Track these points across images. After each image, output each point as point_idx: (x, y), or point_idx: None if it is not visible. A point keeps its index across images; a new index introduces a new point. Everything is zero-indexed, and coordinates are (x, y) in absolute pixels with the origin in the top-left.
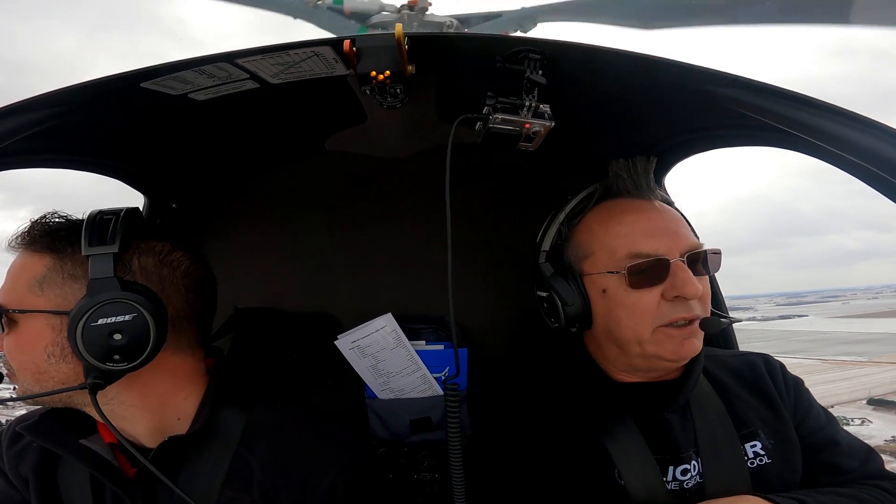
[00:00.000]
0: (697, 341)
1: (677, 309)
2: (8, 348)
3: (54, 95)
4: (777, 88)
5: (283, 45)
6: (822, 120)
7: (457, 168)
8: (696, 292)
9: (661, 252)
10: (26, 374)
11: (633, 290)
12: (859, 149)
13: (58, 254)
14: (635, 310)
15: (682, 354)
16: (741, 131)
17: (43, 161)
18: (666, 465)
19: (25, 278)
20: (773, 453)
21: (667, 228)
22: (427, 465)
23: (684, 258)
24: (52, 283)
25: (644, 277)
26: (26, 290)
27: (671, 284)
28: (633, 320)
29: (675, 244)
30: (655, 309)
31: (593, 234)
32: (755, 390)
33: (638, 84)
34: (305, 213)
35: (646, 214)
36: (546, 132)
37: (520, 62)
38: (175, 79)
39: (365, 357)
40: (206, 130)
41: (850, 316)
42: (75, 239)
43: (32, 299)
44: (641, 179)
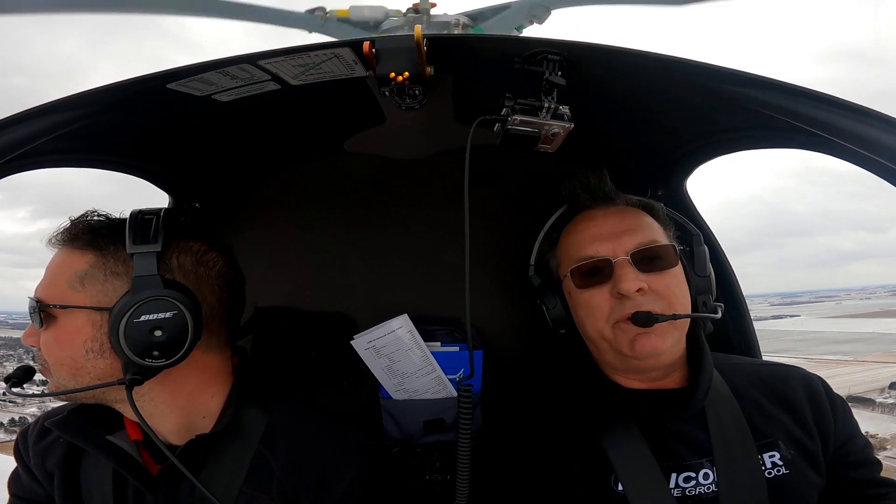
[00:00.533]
0: (657, 338)
1: (624, 305)
2: (45, 343)
3: (84, 96)
4: (805, 90)
5: (304, 46)
6: (852, 122)
7: (475, 170)
8: (630, 287)
9: (603, 253)
10: (63, 369)
11: (583, 290)
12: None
13: (100, 251)
14: (588, 308)
15: (638, 350)
16: (766, 133)
17: (71, 161)
18: (669, 473)
19: (66, 274)
20: (791, 465)
21: (613, 232)
22: (439, 467)
23: (629, 257)
24: (94, 279)
25: (589, 277)
26: (67, 286)
27: (614, 282)
28: (589, 318)
29: (620, 245)
30: (607, 307)
31: (561, 246)
32: (782, 402)
33: (660, 85)
34: (324, 213)
35: (596, 221)
36: (565, 134)
37: (538, 63)
38: (200, 80)
39: (380, 357)
40: (228, 131)
41: (842, 316)
42: (118, 237)
43: (73, 295)
44: (596, 190)
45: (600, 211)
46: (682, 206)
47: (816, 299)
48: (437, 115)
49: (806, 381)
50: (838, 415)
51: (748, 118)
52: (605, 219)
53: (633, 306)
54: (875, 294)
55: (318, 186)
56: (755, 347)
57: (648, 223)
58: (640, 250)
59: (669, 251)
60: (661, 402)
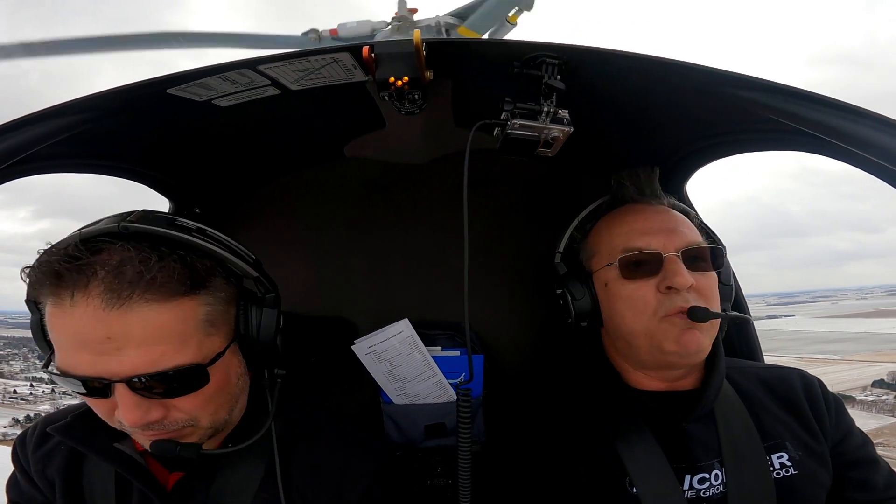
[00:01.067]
0: (701, 335)
1: (673, 300)
2: (201, 401)
3: (84, 101)
4: (806, 92)
5: (303, 51)
6: (852, 124)
7: (475, 174)
8: (685, 282)
9: (654, 247)
10: (222, 410)
11: (628, 282)
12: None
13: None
14: (632, 301)
15: (684, 345)
16: (765, 135)
17: (71, 166)
18: (682, 475)
19: (195, 326)
20: (799, 465)
21: (663, 227)
22: (440, 471)
23: (679, 254)
24: (219, 315)
25: (636, 269)
26: (203, 335)
27: (663, 276)
28: (631, 312)
29: (671, 241)
30: (653, 301)
31: (600, 236)
32: (786, 404)
33: (659, 88)
34: (324, 217)
35: (645, 215)
36: (565, 138)
37: (538, 67)
38: (200, 85)
39: (381, 362)
40: (228, 136)
41: (836, 316)
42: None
43: (214, 341)
44: (645, 186)
45: (648, 206)
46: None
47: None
48: (436, 120)
49: (805, 382)
50: (832, 414)
51: (748, 121)
52: (654, 214)
53: (683, 301)
54: (872, 294)
55: (319, 191)
56: (757, 351)
57: (691, 225)
58: (689, 249)
59: (714, 254)
60: (673, 403)
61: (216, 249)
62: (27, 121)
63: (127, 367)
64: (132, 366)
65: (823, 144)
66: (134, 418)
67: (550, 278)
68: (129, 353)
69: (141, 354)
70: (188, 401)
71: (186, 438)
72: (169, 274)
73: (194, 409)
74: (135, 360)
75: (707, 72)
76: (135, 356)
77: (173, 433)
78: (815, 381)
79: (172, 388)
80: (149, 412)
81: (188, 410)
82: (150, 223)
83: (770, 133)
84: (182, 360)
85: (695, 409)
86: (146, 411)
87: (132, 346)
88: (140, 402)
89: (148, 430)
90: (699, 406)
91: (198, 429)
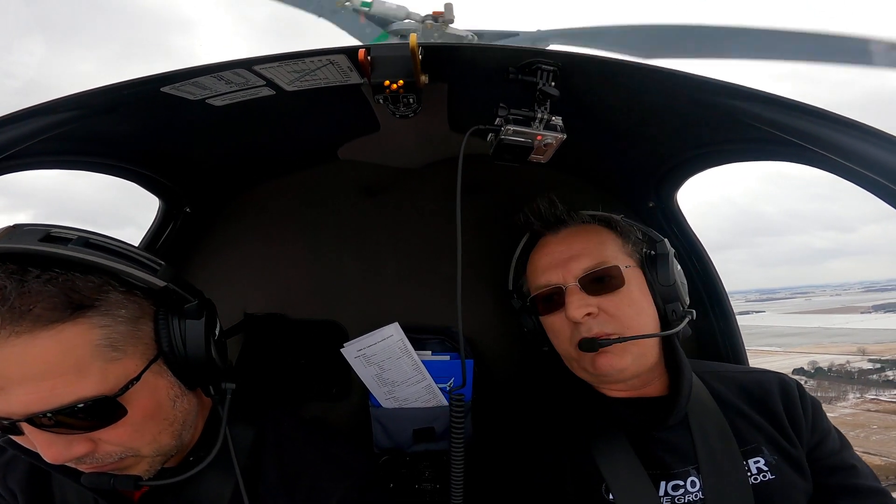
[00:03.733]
0: (614, 357)
1: (578, 329)
2: (127, 433)
3: (75, 98)
4: (795, 102)
5: (299, 52)
6: (842, 136)
7: (468, 180)
8: (577, 315)
9: (555, 282)
10: (164, 436)
11: (546, 316)
12: (880, 166)
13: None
14: (553, 332)
15: (599, 368)
16: (755, 145)
17: (62, 163)
18: (658, 481)
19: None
20: (776, 470)
21: (561, 259)
22: (428, 476)
23: (577, 282)
24: (123, 336)
25: (546, 305)
26: (106, 363)
27: (566, 308)
28: (556, 341)
29: (569, 272)
30: (567, 330)
31: (527, 272)
32: (762, 408)
33: (651, 97)
34: (316, 220)
35: (548, 250)
36: (558, 144)
37: (532, 73)
38: (194, 84)
39: (370, 365)
40: (221, 136)
41: (806, 312)
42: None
43: (120, 367)
44: (547, 216)
45: (552, 237)
46: (672, 216)
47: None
48: (431, 124)
49: (782, 385)
50: (808, 417)
51: (740, 131)
52: (556, 245)
53: (586, 330)
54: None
55: (312, 193)
56: (742, 352)
57: (599, 242)
58: (587, 275)
59: (616, 272)
60: (646, 410)
61: (102, 261)
62: (16, 117)
63: (18, 406)
64: (23, 405)
65: (813, 156)
66: (52, 455)
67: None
68: (16, 392)
69: (28, 392)
70: (113, 433)
71: (131, 469)
72: (36, 300)
73: (124, 440)
74: (23, 399)
75: (699, 81)
76: (22, 395)
77: (111, 465)
78: (793, 384)
79: (84, 422)
80: (70, 448)
81: (118, 442)
82: (14, 240)
83: (760, 143)
84: (83, 391)
85: (668, 416)
86: (66, 447)
87: (15, 385)
88: (54, 438)
89: (80, 463)
90: (672, 413)
91: (141, 458)
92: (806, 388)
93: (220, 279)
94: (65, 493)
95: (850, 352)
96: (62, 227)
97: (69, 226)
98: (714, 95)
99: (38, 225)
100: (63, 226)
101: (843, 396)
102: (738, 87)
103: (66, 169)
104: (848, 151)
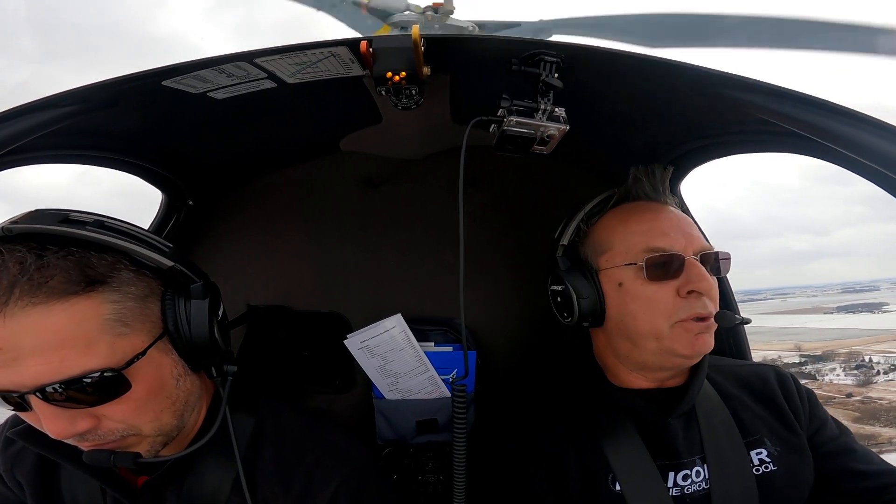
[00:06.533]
0: (710, 338)
1: (693, 305)
2: (130, 409)
3: (78, 92)
4: (802, 94)
5: (300, 45)
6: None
7: (471, 171)
8: (710, 287)
9: (677, 249)
10: (165, 415)
11: (650, 283)
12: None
13: (108, 283)
14: (651, 303)
15: (696, 349)
16: (760, 137)
17: (63, 157)
18: (666, 472)
19: (97, 328)
20: (779, 461)
21: (682, 229)
22: (432, 467)
23: (697, 257)
24: (132, 312)
25: (661, 271)
26: (115, 337)
27: (686, 279)
28: (649, 314)
29: (690, 243)
30: (671, 303)
31: (613, 231)
32: (763, 400)
33: (655, 88)
34: (319, 212)
35: (663, 215)
36: (561, 136)
37: (535, 65)
38: (195, 77)
39: (373, 357)
40: (223, 129)
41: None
42: (119, 261)
43: (128, 342)
44: (659, 185)
45: (661, 206)
46: None
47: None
48: (433, 116)
49: (780, 377)
50: (805, 406)
51: (744, 122)
52: (671, 214)
53: (702, 307)
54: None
55: (314, 185)
56: (746, 349)
57: (699, 229)
58: (706, 253)
59: (726, 256)
60: (658, 400)
61: (116, 241)
62: (18, 112)
63: (28, 377)
64: (33, 376)
65: (817, 147)
66: (57, 430)
67: (547, 272)
68: (28, 363)
69: (40, 363)
70: (117, 408)
71: (133, 448)
72: (53, 273)
73: (127, 416)
74: (34, 370)
75: (702, 72)
76: (33, 366)
77: (114, 443)
78: (789, 375)
79: (90, 396)
80: (74, 423)
81: (121, 419)
82: (35, 222)
83: (763, 135)
84: (91, 364)
85: (678, 404)
86: (70, 422)
87: (28, 356)
88: (59, 412)
89: (82, 440)
90: (683, 401)
91: (143, 437)
92: None
93: (224, 271)
94: (73, 486)
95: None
96: (79, 211)
97: (85, 210)
98: (718, 87)
99: (57, 209)
100: (80, 210)
101: None
102: (741, 78)
103: (68, 163)
104: (851, 142)
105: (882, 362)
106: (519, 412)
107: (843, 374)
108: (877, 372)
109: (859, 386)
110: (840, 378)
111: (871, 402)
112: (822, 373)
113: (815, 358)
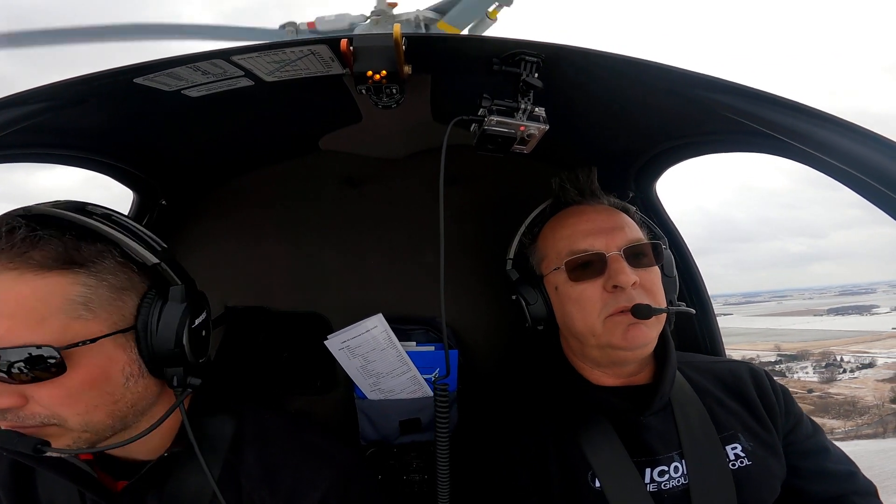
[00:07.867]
0: (647, 329)
1: (618, 298)
2: (61, 395)
3: (47, 89)
4: (771, 95)
5: (279, 42)
6: (817, 128)
7: (451, 170)
8: (628, 280)
9: (597, 248)
10: (99, 412)
11: (576, 284)
12: (852, 158)
13: (86, 268)
14: (580, 302)
15: (630, 341)
16: (732, 137)
17: (33, 156)
18: (643, 468)
19: (56, 306)
20: (753, 456)
21: (605, 227)
22: (416, 467)
23: (621, 252)
24: (101, 300)
25: (582, 271)
26: (70, 318)
27: (608, 275)
28: (581, 312)
29: (612, 240)
30: (599, 300)
31: (545, 239)
32: (737, 396)
33: (632, 88)
34: (298, 211)
35: (586, 217)
36: (541, 135)
37: (516, 64)
38: (169, 75)
39: (355, 357)
40: (198, 128)
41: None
42: (108, 251)
43: (82, 326)
44: (584, 187)
45: (589, 207)
46: (651, 207)
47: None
48: (414, 115)
49: (753, 374)
50: (781, 403)
51: (716, 122)
52: (595, 214)
53: (628, 299)
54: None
55: (293, 184)
56: (720, 345)
57: (631, 222)
58: (630, 246)
59: (653, 249)
60: (632, 398)
61: (110, 231)
62: None
63: None
64: None
65: (785, 147)
66: None
67: (505, 285)
68: None
69: None
70: (45, 392)
71: (53, 439)
72: (37, 246)
73: (55, 403)
74: None
75: (677, 73)
76: None
77: (33, 429)
78: (762, 372)
79: (20, 371)
80: (12, 396)
81: (48, 405)
82: (56, 206)
83: (737, 135)
84: (34, 338)
85: (652, 401)
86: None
87: None
88: None
89: (2, 419)
90: (656, 397)
91: (66, 430)
92: None
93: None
94: (50, 490)
95: (769, 349)
96: (95, 204)
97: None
98: (692, 88)
99: (78, 201)
100: (96, 203)
101: None
102: (715, 79)
103: (37, 162)
104: (823, 144)
105: (852, 361)
106: (503, 414)
107: (812, 371)
108: (843, 370)
109: (822, 383)
110: (808, 375)
111: (828, 398)
112: (792, 370)
113: (789, 357)
